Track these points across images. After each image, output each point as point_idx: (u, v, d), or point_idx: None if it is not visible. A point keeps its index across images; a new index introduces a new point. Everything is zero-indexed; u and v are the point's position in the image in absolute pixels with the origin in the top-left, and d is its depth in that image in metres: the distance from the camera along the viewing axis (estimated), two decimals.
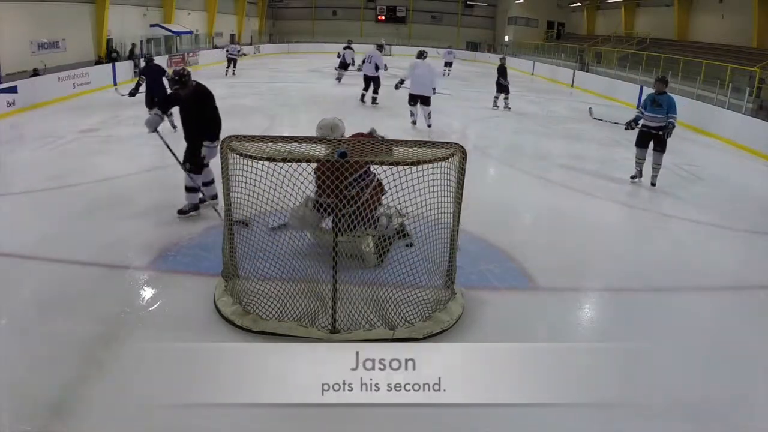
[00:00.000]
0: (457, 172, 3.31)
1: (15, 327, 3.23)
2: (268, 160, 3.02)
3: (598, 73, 19.82)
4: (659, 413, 2.75)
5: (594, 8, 29.47)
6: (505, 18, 35.02)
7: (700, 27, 21.08)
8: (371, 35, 34.69)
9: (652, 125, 6.64)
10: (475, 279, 4.01)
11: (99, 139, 8.49)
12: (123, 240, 4.46)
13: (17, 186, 5.94)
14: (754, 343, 3.50)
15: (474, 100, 14.86)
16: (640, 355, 3.26)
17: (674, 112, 6.53)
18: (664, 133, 6.52)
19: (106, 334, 3.16)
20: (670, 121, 6.50)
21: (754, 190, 7.43)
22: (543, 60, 25.80)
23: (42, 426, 2.46)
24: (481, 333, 3.35)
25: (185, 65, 20.06)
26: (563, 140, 9.81)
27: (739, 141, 10.24)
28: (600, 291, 4.12)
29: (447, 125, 10.59)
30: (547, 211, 5.90)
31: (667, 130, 6.51)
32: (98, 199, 5.53)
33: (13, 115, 10.25)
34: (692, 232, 5.50)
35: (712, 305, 4.00)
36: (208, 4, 27.26)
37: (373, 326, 3.21)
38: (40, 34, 15.30)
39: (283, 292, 3.34)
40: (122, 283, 3.84)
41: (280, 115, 11.15)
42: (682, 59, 15.72)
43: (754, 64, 13.51)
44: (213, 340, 3.16)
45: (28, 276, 3.92)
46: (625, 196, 6.56)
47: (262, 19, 35.90)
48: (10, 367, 2.83)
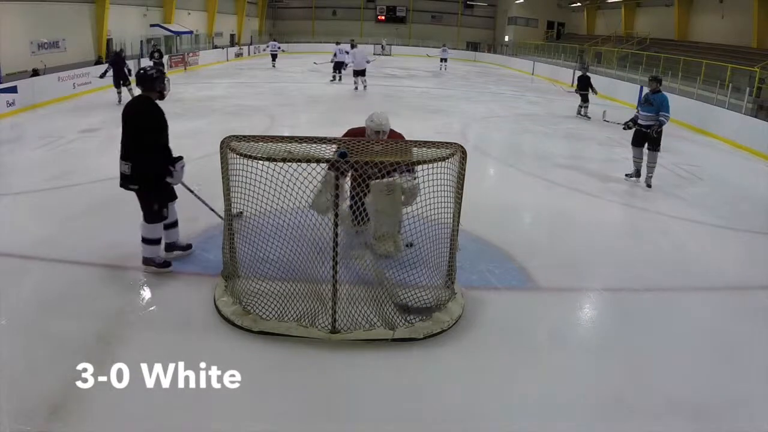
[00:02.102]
0: (457, 172, 3.32)
1: (15, 327, 3.23)
2: (268, 160, 3.02)
3: (598, 73, 19.79)
4: (659, 413, 2.75)
5: (594, 8, 29.47)
6: (505, 18, 35.04)
7: (700, 27, 21.08)
8: (371, 35, 34.78)
9: (644, 124, 6.69)
10: (475, 279, 4.00)
11: (99, 139, 8.49)
12: (123, 240, 4.45)
13: (17, 186, 5.94)
14: (754, 343, 3.50)
15: (474, 101, 14.87)
16: (640, 355, 3.27)
17: (666, 111, 6.55)
18: (652, 130, 6.55)
19: (106, 334, 3.16)
20: (660, 119, 6.53)
21: (754, 190, 7.42)
22: (543, 60, 25.80)
23: (42, 426, 2.46)
24: (481, 333, 3.35)
25: (185, 65, 20.09)
26: (563, 140, 9.82)
27: (739, 141, 10.24)
28: (600, 291, 4.12)
29: (447, 125, 10.60)
30: (547, 211, 5.90)
31: (652, 128, 6.55)
32: (98, 199, 5.52)
33: (13, 115, 10.25)
34: (692, 232, 5.49)
35: (712, 305, 3.99)
36: (208, 4, 27.28)
37: (373, 326, 3.21)
38: (40, 34, 15.31)
39: (283, 292, 3.34)
40: (122, 283, 3.83)
41: (281, 115, 11.15)
42: (682, 59, 15.71)
43: (754, 64, 13.51)
44: (213, 340, 3.16)
45: (28, 276, 3.91)
46: (625, 196, 6.56)
47: (262, 19, 35.92)
48: (10, 367, 2.83)
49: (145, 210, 3.86)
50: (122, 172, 3.74)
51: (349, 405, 2.72)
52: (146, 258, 3.95)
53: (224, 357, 2.91)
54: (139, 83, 3.80)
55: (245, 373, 2.79)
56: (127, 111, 3.76)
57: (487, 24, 37.11)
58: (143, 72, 3.81)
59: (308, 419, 2.62)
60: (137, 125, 3.68)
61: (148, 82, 3.77)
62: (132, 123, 3.70)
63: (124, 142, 3.72)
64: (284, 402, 2.73)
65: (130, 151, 3.69)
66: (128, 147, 3.70)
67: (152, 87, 3.78)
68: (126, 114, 3.75)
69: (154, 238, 3.92)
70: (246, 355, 3.03)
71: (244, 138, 3.23)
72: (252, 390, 2.74)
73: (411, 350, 3.13)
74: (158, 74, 3.81)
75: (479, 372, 3.01)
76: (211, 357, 2.86)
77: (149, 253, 3.94)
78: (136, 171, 3.70)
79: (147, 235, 3.90)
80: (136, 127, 3.68)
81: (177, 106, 11.16)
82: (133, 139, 3.68)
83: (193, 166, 4.77)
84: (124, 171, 3.72)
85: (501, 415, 2.71)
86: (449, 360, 3.10)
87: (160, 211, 3.89)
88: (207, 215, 4.50)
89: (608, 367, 3.14)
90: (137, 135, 3.67)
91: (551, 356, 3.22)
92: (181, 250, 4.20)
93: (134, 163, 3.68)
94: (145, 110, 3.73)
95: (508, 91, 18.08)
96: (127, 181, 3.75)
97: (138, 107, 3.76)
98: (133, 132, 3.68)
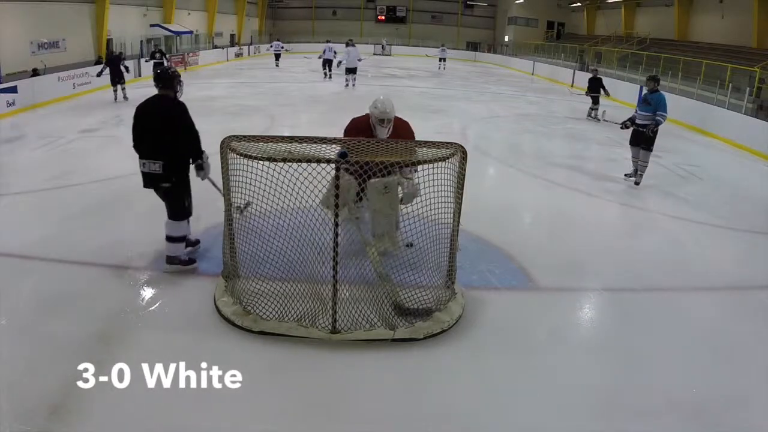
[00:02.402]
0: (457, 172, 3.32)
1: (15, 327, 3.23)
2: (268, 160, 3.02)
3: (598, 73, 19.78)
4: (659, 413, 2.75)
5: (594, 8, 29.48)
6: (505, 18, 35.04)
7: (700, 27, 21.09)
8: (371, 35, 34.79)
9: (640, 123, 6.70)
10: (475, 279, 4.00)
11: (99, 139, 8.50)
12: (123, 240, 4.46)
13: (17, 186, 5.94)
14: (754, 343, 3.50)
15: (474, 101, 14.87)
16: (640, 355, 3.27)
17: (663, 110, 6.55)
18: (647, 129, 6.56)
19: (106, 334, 3.16)
20: (656, 118, 6.54)
21: (754, 190, 7.42)
22: (543, 60, 25.79)
23: (42, 426, 2.46)
24: (481, 333, 3.35)
25: (185, 65, 20.07)
26: (563, 140, 9.82)
27: (739, 141, 10.24)
28: (600, 291, 4.12)
29: (447, 125, 10.60)
30: (547, 211, 5.90)
31: (648, 128, 6.56)
32: (98, 199, 5.53)
33: (13, 115, 10.25)
34: (692, 232, 5.49)
35: (712, 305, 3.99)
36: (208, 4, 27.27)
37: (373, 326, 3.21)
38: (40, 34, 15.31)
39: (283, 292, 3.34)
40: (122, 283, 3.83)
41: (281, 115, 11.15)
42: (682, 59, 15.70)
43: (754, 64, 13.50)
44: (213, 340, 3.16)
45: (28, 276, 3.91)
46: (625, 196, 6.56)
47: (262, 19, 35.91)
48: (10, 367, 2.83)
49: (174, 207, 3.84)
50: (150, 172, 3.72)
51: (349, 405, 2.72)
52: (171, 257, 3.93)
53: (225, 357, 2.91)
54: (159, 82, 3.81)
55: (245, 373, 2.79)
56: (151, 110, 3.74)
57: (487, 24, 37.11)
58: (164, 71, 3.85)
59: (308, 419, 2.62)
60: (170, 122, 3.67)
61: (168, 81, 3.80)
62: (163, 121, 3.68)
63: (149, 141, 3.70)
64: (284, 402, 2.73)
65: (160, 149, 3.67)
66: (157, 145, 3.68)
67: (171, 86, 3.80)
68: (151, 113, 3.73)
69: (180, 236, 3.91)
70: (246, 355, 3.02)
71: (244, 138, 3.23)
72: (252, 390, 2.74)
73: (411, 350, 3.13)
74: (177, 74, 3.86)
75: (479, 372, 3.01)
76: (211, 357, 2.86)
77: (174, 251, 3.92)
78: (168, 168, 3.69)
79: (173, 232, 3.88)
80: (168, 124, 3.67)
81: None
82: (162, 136, 3.66)
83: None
84: (154, 170, 3.69)
85: (501, 415, 2.71)
86: (449, 360, 3.10)
87: (189, 206, 3.91)
88: (208, 215, 4.50)
89: (608, 367, 3.14)
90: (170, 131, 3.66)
91: (551, 356, 3.22)
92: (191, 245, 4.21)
93: (166, 161, 3.68)
94: (173, 107, 3.75)
95: (508, 91, 18.09)
96: (158, 180, 3.73)
97: (165, 105, 3.75)
98: (164, 129, 3.66)
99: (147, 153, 3.72)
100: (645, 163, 6.75)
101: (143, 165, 3.74)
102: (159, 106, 3.77)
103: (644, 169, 6.77)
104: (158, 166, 3.69)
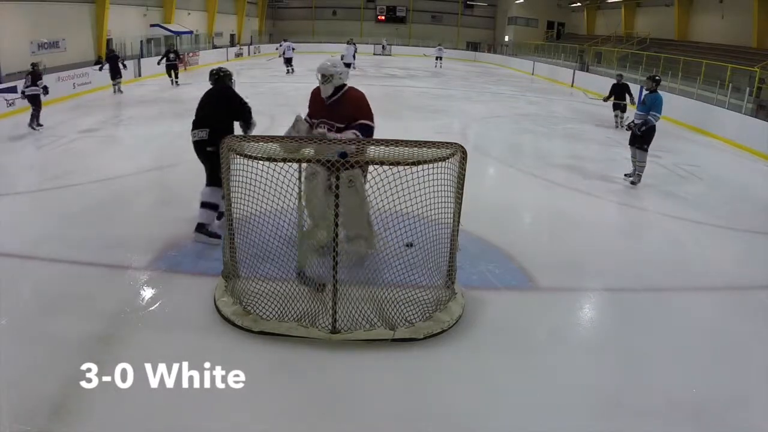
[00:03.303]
0: (457, 172, 3.31)
1: (15, 327, 3.23)
2: (268, 160, 3.02)
3: (598, 73, 19.81)
4: (659, 413, 2.75)
5: (594, 8, 29.47)
6: (505, 18, 35.04)
7: (700, 27, 21.08)
8: (371, 35, 34.79)
9: (637, 122, 6.72)
10: (475, 279, 4.01)
11: (99, 139, 8.50)
12: (123, 240, 4.46)
13: (17, 186, 5.94)
14: (754, 343, 3.50)
15: (474, 101, 14.87)
16: (640, 355, 3.27)
17: (656, 111, 6.57)
18: (636, 127, 6.59)
19: (106, 334, 3.16)
20: (648, 117, 6.55)
21: (754, 190, 7.43)
22: (543, 60, 25.79)
23: (42, 426, 2.46)
24: (482, 333, 3.35)
25: (185, 65, 20.07)
26: (563, 140, 9.82)
27: (739, 141, 10.25)
28: (600, 291, 4.12)
29: (447, 125, 10.61)
30: (547, 211, 5.90)
31: (637, 125, 6.60)
32: (98, 199, 5.53)
33: (13, 115, 10.25)
34: (692, 232, 5.49)
35: (711, 305, 3.99)
36: (208, 4, 27.26)
37: (373, 326, 3.21)
38: (40, 34, 15.31)
39: (283, 292, 3.34)
40: (122, 283, 3.83)
41: (280, 115, 11.13)
42: (682, 59, 15.70)
43: (754, 64, 13.50)
44: (213, 340, 3.16)
45: (28, 276, 3.91)
46: (625, 196, 6.56)
47: (262, 19, 35.90)
48: (10, 367, 2.82)
49: (213, 172, 4.20)
50: (198, 139, 4.35)
51: (349, 405, 2.72)
52: (201, 224, 4.33)
53: (225, 357, 2.91)
54: (218, 79, 4.67)
55: (246, 373, 2.78)
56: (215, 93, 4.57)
57: (487, 24, 37.11)
58: (223, 71, 4.76)
59: (308, 419, 2.62)
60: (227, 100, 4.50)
61: (227, 79, 4.71)
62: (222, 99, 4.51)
63: (202, 116, 4.40)
64: (284, 402, 2.73)
65: (208, 121, 4.36)
66: (209, 119, 4.36)
67: (229, 80, 4.72)
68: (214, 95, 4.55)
69: (214, 203, 4.35)
70: (246, 355, 3.02)
71: (244, 138, 3.23)
72: (252, 390, 2.74)
73: (411, 350, 3.13)
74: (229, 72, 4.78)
75: (479, 372, 3.01)
76: (212, 357, 2.86)
77: (206, 218, 4.34)
78: (212, 134, 4.26)
79: (208, 198, 4.36)
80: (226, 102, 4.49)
81: (177, 106, 11.18)
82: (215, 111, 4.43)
83: (194, 166, 4.77)
84: (201, 137, 4.34)
85: (501, 415, 2.71)
86: (449, 360, 3.10)
87: None
88: None
89: (608, 367, 3.14)
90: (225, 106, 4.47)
91: (551, 356, 3.22)
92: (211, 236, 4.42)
93: (212, 129, 4.30)
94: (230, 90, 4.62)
95: (508, 91, 18.09)
96: (204, 144, 4.32)
97: (224, 89, 4.61)
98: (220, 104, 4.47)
99: (197, 124, 4.40)
100: (642, 163, 6.76)
101: (194, 135, 4.39)
102: (221, 90, 4.61)
103: (642, 169, 6.78)
104: (205, 133, 4.32)
